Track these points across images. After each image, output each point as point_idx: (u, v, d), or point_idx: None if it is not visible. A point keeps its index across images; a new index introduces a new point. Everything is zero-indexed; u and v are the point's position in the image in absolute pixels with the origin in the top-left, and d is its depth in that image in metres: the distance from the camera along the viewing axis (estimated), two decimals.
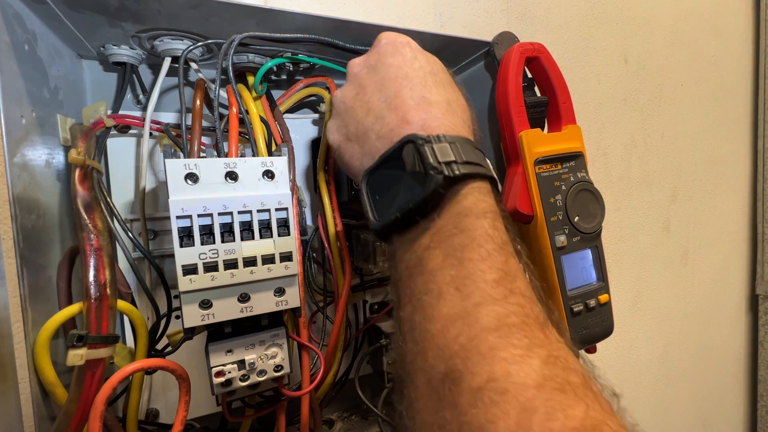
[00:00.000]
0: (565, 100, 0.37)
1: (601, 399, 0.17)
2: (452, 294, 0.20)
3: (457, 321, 0.19)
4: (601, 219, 0.36)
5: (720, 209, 0.98)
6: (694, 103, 0.89)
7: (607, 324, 0.36)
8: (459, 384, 0.18)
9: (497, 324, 0.19)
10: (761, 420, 1.08)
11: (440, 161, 0.23)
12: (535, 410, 0.16)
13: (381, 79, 0.27)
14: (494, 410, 0.16)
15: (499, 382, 0.17)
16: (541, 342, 0.18)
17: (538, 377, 0.17)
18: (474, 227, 0.22)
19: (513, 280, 0.21)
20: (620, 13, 0.74)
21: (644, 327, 0.84)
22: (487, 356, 0.18)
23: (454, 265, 0.21)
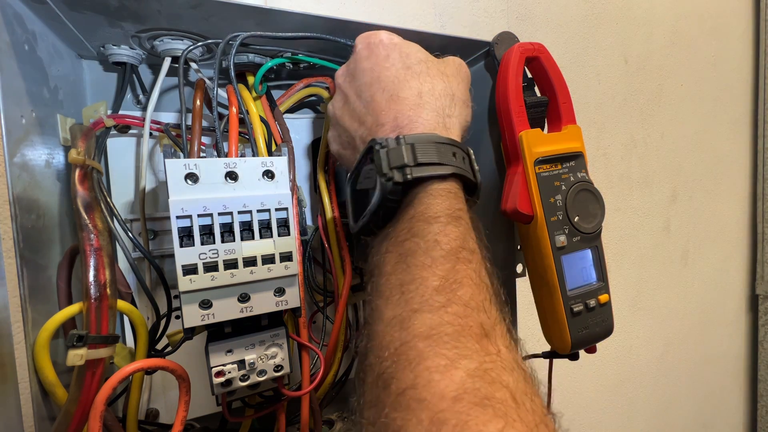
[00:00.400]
0: (565, 100, 0.37)
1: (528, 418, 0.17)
2: (396, 298, 0.21)
3: (396, 325, 0.20)
4: (601, 219, 0.36)
5: (720, 209, 0.98)
6: (694, 103, 0.89)
7: (607, 324, 0.36)
8: (388, 387, 0.18)
9: (428, 332, 0.19)
10: (761, 420, 1.08)
11: (392, 167, 0.23)
12: (446, 422, 0.16)
13: (359, 86, 0.28)
14: (409, 416, 0.17)
15: (418, 390, 0.17)
16: (473, 353, 0.18)
17: (457, 389, 0.17)
18: (423, 233, 0.22)
19: (456, 288, 0.20)
20: (620, 13, 0.74)
21: (644, 327, 0.84)
22: (413, 363, 0.18)
23: (403, 270, 0.22)
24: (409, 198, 0.24)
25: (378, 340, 0.20)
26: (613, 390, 0.80)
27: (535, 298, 0.37)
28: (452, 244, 0.22)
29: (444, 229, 0.22)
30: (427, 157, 0.23)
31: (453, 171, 0.24)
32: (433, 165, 0.23)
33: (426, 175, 0.23)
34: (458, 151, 0.25)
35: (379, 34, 0.29)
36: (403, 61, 0.28)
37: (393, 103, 0.26)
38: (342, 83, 0.30)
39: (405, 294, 0.21)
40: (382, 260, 0.23)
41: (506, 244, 0.41)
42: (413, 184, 0.23)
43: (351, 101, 0.28)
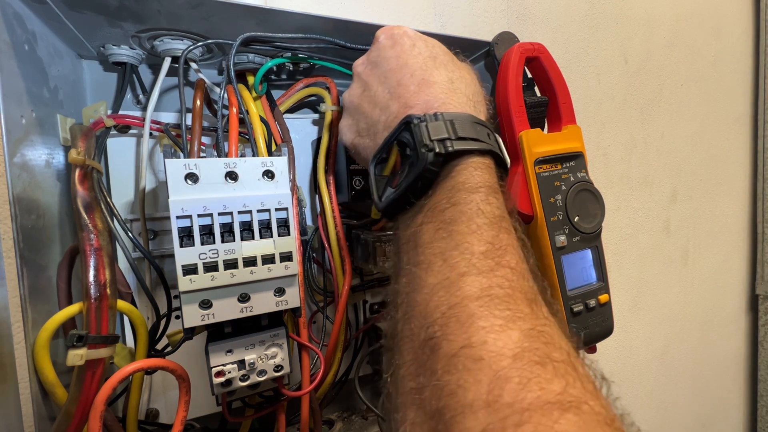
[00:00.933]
0: (565, 100, 0.37)
1: (585, 379, 0.16)
2: (439, 265, 0.20)
3: (441, 290, 0.19)
4: (601, 219, 0.36)
5: (720, 209, 0.98)
6: (694, 103, 0.89)
7: (607, 324, 0.36)
8: (437, 351, 0.18)
9: (479, 294, 0.18)
10: (761, 420, 1.08)
11: (432, 139, 0.23)
12: (509, 379, 0.15)
13: (383, 72, 0.28)
14: (466, 376, 0.16)
15: (474, 349, 0.16)
16: (525, 316, 0.18)
17: (515, 348, 0.16)
18: (465, 201, 0.22)
19: (502, 254, 0.20)
20: (620, 13, 0.74)
21: (644, 327, 0.84)
22: (465, 324, 0.17)
23: (444, 238, 0.21)
24: (447, 170, 0.24)
25: (421, 308, 0.20)
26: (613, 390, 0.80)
27: None
28: (495, 213, 0.22)
29: (486, 198, 0.22)
30: (465, 132, 0.24)
31: (490, 148, 0.25)
32: (472, 140, 0.24)
33: (467, 148, 0.23)
34: (490, 132, 0.26)
35: (402, 27, 0.29)
36: (429, 51, 0.28)
37: (425, 86, 0.26)
38: (362, 71, 0.30)
39: (449, 260, 0.20)
40: (417, 231, 0.23)
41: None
42: (453, 156, 0.23)
43: (372, 88, 0.28)
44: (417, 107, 0.26)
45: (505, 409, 0.15)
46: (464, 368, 0.16)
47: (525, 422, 0.14)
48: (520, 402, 0.15)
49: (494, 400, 0.15)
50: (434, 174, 0.23)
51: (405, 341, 0.20)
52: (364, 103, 0.29)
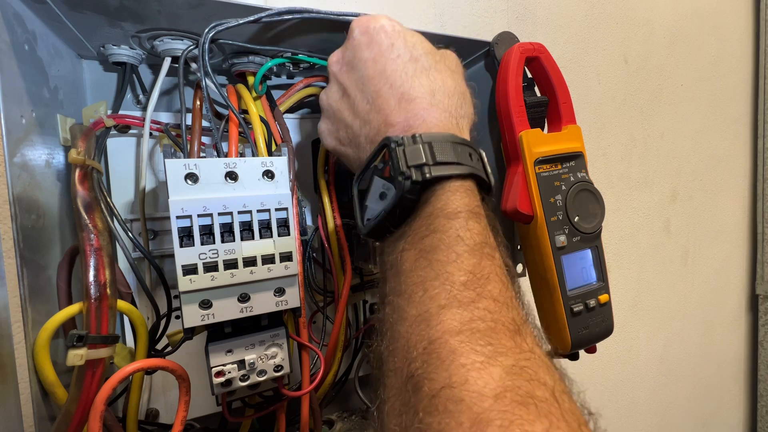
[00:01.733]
0: (565, 100, 0.37)
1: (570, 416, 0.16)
2: (420, 295, 0.20)
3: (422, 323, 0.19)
4: (601, 219, 0.36)
5: (720, 209, 0.98)
6: (694, 103, 0.89)
7: (607, 324, 0.36)
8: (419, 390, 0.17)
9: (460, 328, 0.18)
10: (761, 420, 1.08)
11: (409, 165, 0.22)
12: (490, 422, 0.15)
13: (360, 78, 0.26)
14: (447, 419, 0.15)
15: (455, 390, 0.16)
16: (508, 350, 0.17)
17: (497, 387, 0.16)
18: (444, 228, 0.21)
19: (484, 284, 0.20)
20: (620, 13, 0.74)
21: (644, 327, 0.84)
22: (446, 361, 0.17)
23: (424, 267, 0.21)
24: (427, 196, 0.23)
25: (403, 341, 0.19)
26: (613, 390, 0.80)
27: (535, 298, 0.37)
28: (476, 239, 0.21)
29: (466, 224, 0.22)
30: (445, 156, 0.23)
31: (470, 171, 0.24)
32: (451, 164, 0.23)
33: (445, 173, 0.23)
34: (473, 152, 0.25)
35: (379, 19, 0.27)
36: (409, 53, 0.26)
37: (405, 102, 0.25)
38: (338, 72, 0.28)
39: (429, 290, 0.20)
40: (398, 259, 0.22)
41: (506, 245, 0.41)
42: (432, 182, 0.23)
43: (351, 95, 0.27)
44: (397, 126, 0.24)
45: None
46: (445, 410, 0.16)
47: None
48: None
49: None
50: (413, 201, 0.23)
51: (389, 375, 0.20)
52: (344, 111, 0.27)
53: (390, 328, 0.21)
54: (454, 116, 0.26)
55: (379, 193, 0.24)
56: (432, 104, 0.25)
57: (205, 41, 0.29)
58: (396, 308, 0.21)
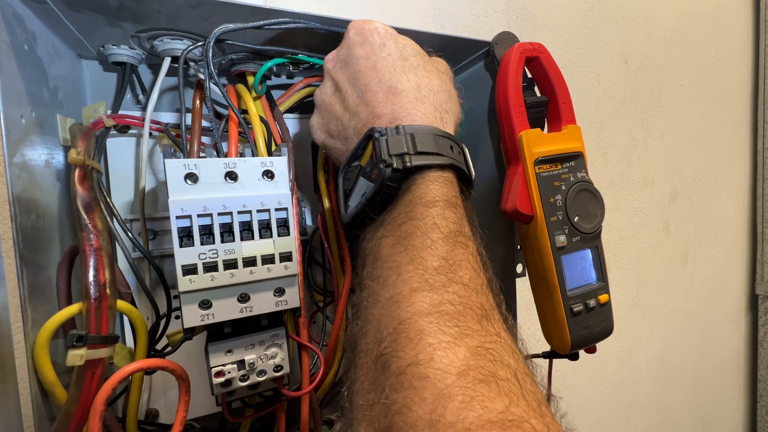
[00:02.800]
0: (565, 100, 0.37)
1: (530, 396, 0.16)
2: (393, 279, 0.21)
3: (393, 305, 0.19)
4: (601, 219, 0.36)
5: (720, 209, 0.98)
6: (693, 103, 0.89)
7: (607, 324, 0.36)
8: (387, 368, 0.18)
9: (430, 309, 0.18)
10: (761, 420, 1.08)
11: (391, 154, 0.23)
12: (452, 398, 0.15)
13: (353, 74, 0.27)
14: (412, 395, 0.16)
15: (420, 367, 0.17)
16: (474, 333, 0.18)
17: (461, 366, 0.16)
18: (421, 216, 0.22)
19: (456, 270, 0.20)
20: (620, 13, 0.74)
21: (644, 327, 0.84)
22: (414, 340, 0.18)
23: (400, 252, 0.21)
24: (407, 184, 0.24)
25: (375, 322, 0.20)
26: (613, 390, 0.80)
27: (535, 298, 0.37)
28: (451, 227, 0.22)
29: (442, 212, 0.22)
30: (426, 146, 0.24)
31: (450, 162, 0.24)
32: (432, 155, 0.24)
33: (425, 163, 0.23)
34: (455, 145, 0.26)
35: (373, 22, 0.28)
36: (399, 52, 0.27)
37: (391, 95, 0.26)
38: (332, 69, 0.29)
39: (402, 275, 0.20)
40: (377, 245, 0.23)
41: (506, 244, 0.41)
42: (412, 171, 0.24)
43: (343, 89, 0.28)
44: (384, 117, 0.25)
45: (447, 429, 0.15)
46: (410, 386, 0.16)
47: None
48: (461, 421, 0.15)
49: (437, 419, 0.15)
50: (393, 189, 0.23)
51: (361, 356, 0.20)
52: (335, 104, 0.28)
53: (364, 310, 0.22)
54: (439, 111, 0.27)
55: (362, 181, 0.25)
56: (417, 98, 0.26)
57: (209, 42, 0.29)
58: (371, 292, 0.22)
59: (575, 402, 0.74)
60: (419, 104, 0.26)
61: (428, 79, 0.27)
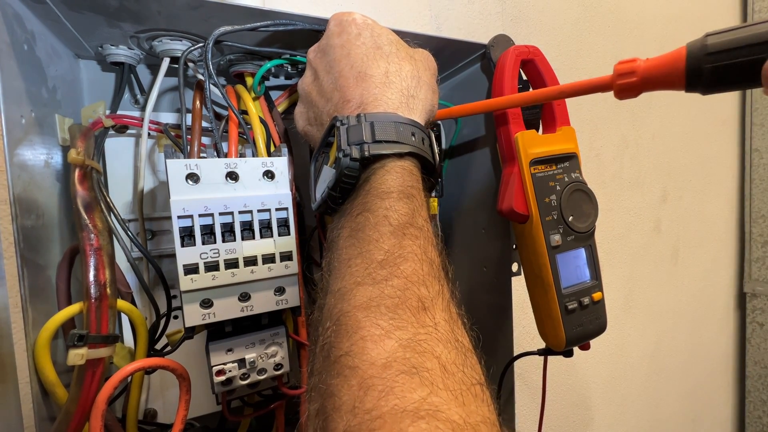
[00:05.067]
0: (560, 102, 0.37)
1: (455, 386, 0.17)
2: (343, 272, 0.22)
3: (339, 298, 0.21)
4: (595, 218, 0.37)
5: (709, 209, 1.00)
6: (683, 105, 0.90)
7: (601, 321, 0.37)
8: (328, 355, 0.19)
9: (367, 304, 0.19)
10: (749, 415, 1.10)
11: (350, 143, 0.23)
12: (373, 387, 0.17)
13: (329, 62, 0.28)
14: (341, 382, 0.17)
15: (351, 358, 0.18)
16: (408, 325, 0.19)
17: (388, 358, 0.17)
18: (374, 207, 0.23)
19: (400, 263, 0.21)
20: (612, 17, 0.75)
21: (636, 325, 0.86)
22: (350, 332, 0.19)
23: (353, 245, 0.22)
24: (366, 174, 0.24)
25: (325, 312, 0.21)
26: (606, 387, 0.81)
27: (531, 296, 0.37)
28: (401, 220, 0.22)
29: (395, 204, 0.23)
30: (385, 135, 0.24)
31: (410, 150, 0.25)
32: (390, 143, 0.24)
33: (383, 152, 0.24)
34: (417, 132, 0.26)
35: (352, 14, 0.29)
36: (374, 41, 0.28)
37: (360, 80, 0.26)
38: (312, 59, 0.30)
39: (351, 267, 0.21)
40: (337, 235, 0.24)
41: (502, 243, 0.41)
42: (371, 161, 0.24)
43: (320, 77, 0.28)
44: (353, 101, 0.26)
45: (364, 415, 0.16)
46: (341, 374, 0.18)
47: (378, 428, 0.15)
48: (378, 409, 0.16)
49: (358, 406, 0.16)
50: (353, 178, 0.24)
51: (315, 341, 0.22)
52: (313, 92, 0.29)
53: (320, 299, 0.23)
54: (406, 96, 0.27)
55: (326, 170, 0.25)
56: (385, 83, 0.27)
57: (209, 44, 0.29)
58: (326, 282, 0.23)
59: (569, 398, 0.75)
60: (386, 89, 0.26)
61: (398, 66, 0.28)
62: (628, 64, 0.26)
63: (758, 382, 1.07)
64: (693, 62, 0.23)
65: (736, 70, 0.21)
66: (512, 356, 0.42)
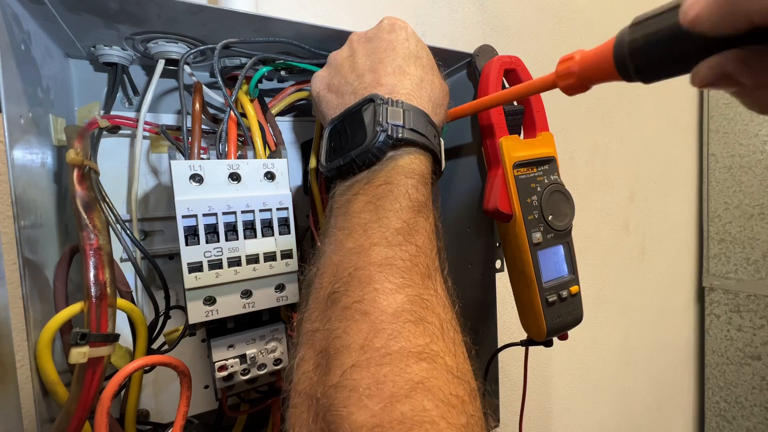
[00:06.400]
0: (539, 109, 0.40)
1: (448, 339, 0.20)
2: (359, 233, 0.24)
3: (354, 254, 0.23)
4: (572, 218, 0.39)
5: (672, 209, 1.07)
6: (648, 112, 0.97)
7: (578, 313, 0.40)
8: (336, 303, 0.21)
9: (382, 261, 0.22)
10: (708, 401, 1.18)
11: (388, 122, 0.26)
12: (383, 330, 0.19)
13: (373, 48, 0.30)
14: (352, 325, 0.20)
15: (364, 304, 0.20)
16: (415, 285, 0.21)
17: (397, 308, 0.20)
18: (398, 183, 0.25)
19: (414, 234, 0.24)
20: (583, 28, 0.80)
21: (607, 319, 0.91)
22: (363, 283, 0.21)
23: (370, 211, 0.24)
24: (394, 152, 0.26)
25: (333, 267, 0.23)
26: (580, 378, 0.85)
27: (514, 290, 0.40)
28: (420, 199, 0.25)
29: (417, 185, 0.25)
30: (418, 126, 0.27)
31: (432, 147, 0.28)
32: (420, 134, 0.27)
33: (414, 139, 0.26)
34: (437, 136, 0.29)
35: (406, 22, 0.32)
36: (417, 50, 0.31)
37: (398, 73, 0.29)
38: (356, 40, 0.32)
39: (368, 230, 0.23)
40: (351, 200, 0.26)
41: (486, 241, 0.44)
42: (401, 143, 0.26)
43: (358, 56, 0.31)
44: (386, 86, 0.28)
45: (373, 352, 0.18)
46: (351, 318, 0.20)
47: (386, 363, 0.18)
48: (386, 348, 0.18)
49: (367, 345, 0.19)
50: (381, 153, 0.26)
51: (313, 291, 0.23)
52: (345, 65, 0.31)
53: (325, 255, 0.25)
54: (432, 104, 0.30)
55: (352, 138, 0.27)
56: (419, 86, 0.29)
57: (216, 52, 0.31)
58: (336, 240, 0.24)
59: (546, 390, 0.79)
60: (419, 90, 0.29)
61: (431, 78, 0.30)
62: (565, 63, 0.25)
63: (716, 370, 1.15)
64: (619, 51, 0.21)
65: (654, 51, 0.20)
66: (497, 348, 0.44)
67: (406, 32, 0.31)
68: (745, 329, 1.09)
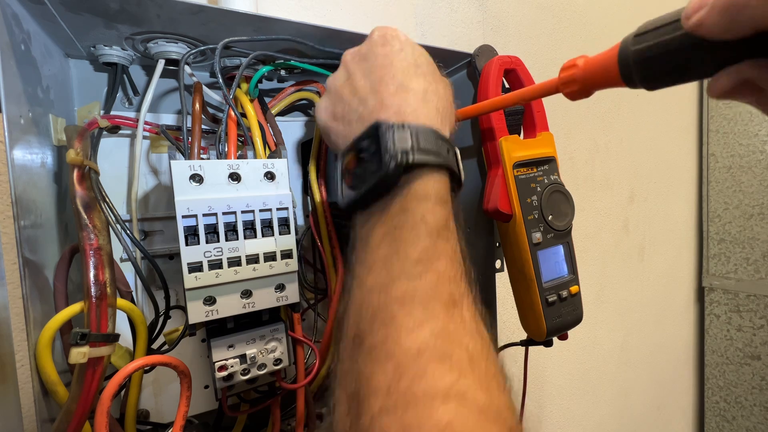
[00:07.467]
0: (539, 109, 0.40)
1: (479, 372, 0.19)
2: (379, 268, 0.23)
3: (374, 292, 0.22)
4: (572, 218, 0.40)
5: (671, 209, 1.07)
6: (648, 112, 0.97)
7: (578, 312, 0.40)
8: (362, 344, 0.21)
9: (403, 297, 0.21)
10: (708, 401, 1.18)
11: (397, 148, 0.25)
12: (407, 371, 0.19)
13: (369, 67, 0.30)
14: (377, 367, 0.19)
15: (388, 345, 0.20)
16: (439, 317, 0.21)
17: (420, 346, 0.19)
18: (413, 209, 0.25)
19: (434, 261, 0.23)
20: (582, 28, 0.80)
21: (607, 319, 0.91)
22: (387, 322, 0.21)
23: (389, 243, 0.24)
24: (405, 178, 0.26)
25: (357, 305, 0.23)
26: (580, 378, 0.85)
27: (514, 290, 0.40)
28: (437, 224, 0.25)
29: (432, 208, 0.25)
30: (427, 145, 0.26)
31: (445, 163, 0.27)
32: (431, 153, 0.26)
33: (425, 161, 0.26)
34: (450, 148, 0.28)
35: (396, 30, 0.31)
36: (414, 59, 0.30)
37: (402, 91, 0.28)
38: (350, 60, 0.31)
39: (387, 265, 0.23)
40: (369, 233, 0.25)
41: (486, 242, 0.44)
42: (412, 167, 0.26)
43: (355, 78, 0.30)
44: (391, 108, 0.27)
45: (399, 395, 0.18)
46: (377, 360, 0.20)
47: (411, 407, 0.18)
48: (412, 390, 0.18)
49: (393, 387, 0.18)
50: (394, 180, 0.25)
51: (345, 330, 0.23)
52: (345, 90, 0.30)
53: (350, 292, 0.24)
54: (440, 115, 0.29)
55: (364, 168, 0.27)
56: (423, 99, 0.28)
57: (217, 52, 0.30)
58: (357, 275, 0.24)
59: (546, 390, 0.79)
60: (424, 105, 0.28)
61: (435, 86, 0.30)
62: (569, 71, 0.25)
63: (716, 370, 1.15)
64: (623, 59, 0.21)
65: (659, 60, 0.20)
66: (496, 348, 0.44)
67: (399, 42, 0.30)
68: (744, 329, 1.09)
